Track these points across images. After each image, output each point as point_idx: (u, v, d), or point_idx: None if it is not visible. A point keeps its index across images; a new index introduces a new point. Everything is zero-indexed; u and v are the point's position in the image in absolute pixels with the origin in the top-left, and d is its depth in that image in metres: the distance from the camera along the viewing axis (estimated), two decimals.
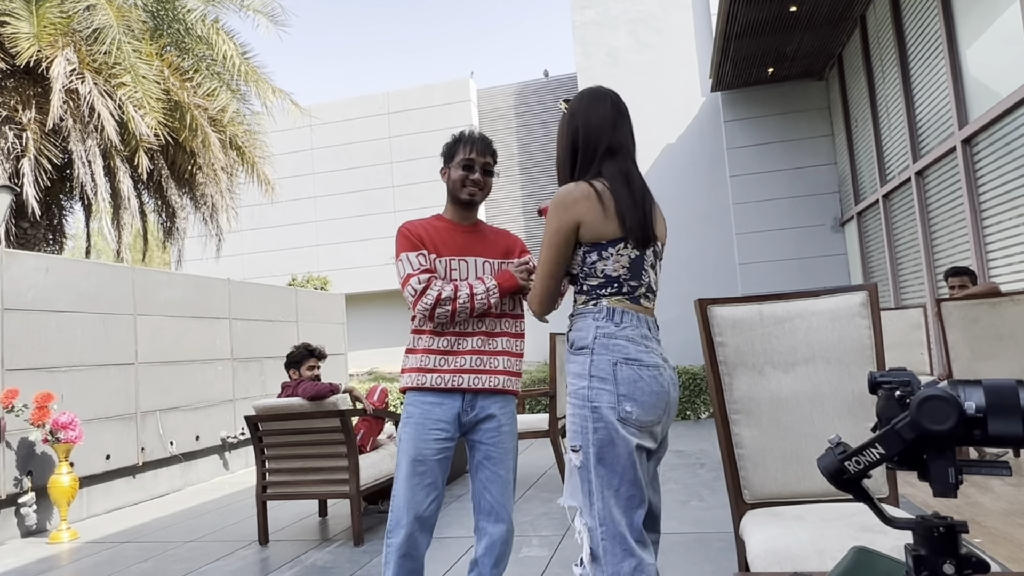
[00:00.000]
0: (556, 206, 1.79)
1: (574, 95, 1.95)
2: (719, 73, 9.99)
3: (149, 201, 10.71)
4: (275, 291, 8.52)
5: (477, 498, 2.36)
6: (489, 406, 2.35)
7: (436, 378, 2.27)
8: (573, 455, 1.76)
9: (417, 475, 2.25)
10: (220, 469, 7.20)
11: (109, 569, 3.94)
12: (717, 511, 4.18)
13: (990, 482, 4.22)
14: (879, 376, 0.95)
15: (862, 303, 1.97)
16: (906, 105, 7.26)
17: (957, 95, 5.99)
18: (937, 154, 6.49)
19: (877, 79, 8.26)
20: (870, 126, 8.59)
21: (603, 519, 1.70)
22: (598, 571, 1.70)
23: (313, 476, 4.21)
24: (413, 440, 2.27)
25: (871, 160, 8.76)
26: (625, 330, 1.76)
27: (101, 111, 8.09)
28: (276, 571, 3.65)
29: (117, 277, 6.06)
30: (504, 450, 2.37)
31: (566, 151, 1.90)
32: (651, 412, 1.74)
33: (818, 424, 1.96)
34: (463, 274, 2.35)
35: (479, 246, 2.41)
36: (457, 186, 2.38)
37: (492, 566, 2.34)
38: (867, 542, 1.54)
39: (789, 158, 10.58)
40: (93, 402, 5.64)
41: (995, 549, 3.03)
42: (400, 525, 2.25)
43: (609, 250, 1.78)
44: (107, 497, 5.75)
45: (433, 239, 2.35)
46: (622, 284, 1.80)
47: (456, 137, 2.43)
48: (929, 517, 0.90)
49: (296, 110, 10.60)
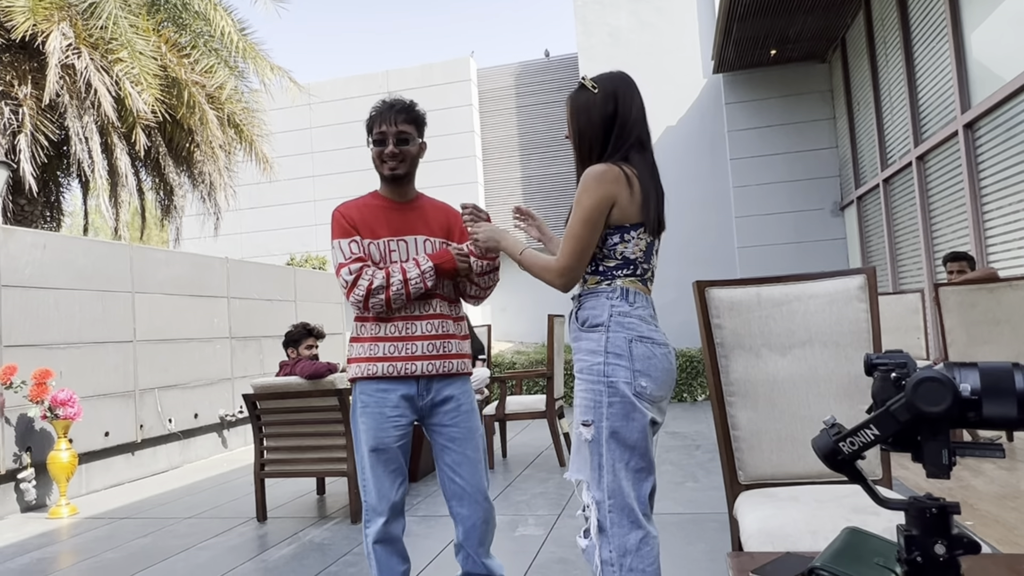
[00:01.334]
0: (594, 182, 1.78)
1: (599, 74, 1.92)
2: (721, 55, 9.91)
3: (147, 179, 10.65)
4: (273, 270, 8.51)
5: (446, 484, 2.32)
6: (444, 388, 2.30)
7: (387, 366, 2.22)
8: (584, 429, 1.80)
9: (381, 464, 2.23)
10: (219, 447, 7.24)
11: (108, 544, 3.98)
12: (711, 492, 4.22)
13: (983, 465, 4.25)
14: (875, 358, 0.95)
15: (860, 287, 1.97)
16: (909, 89, 7.21)
17: (960, 79, 5.95)
18: (939, 139, 6.46)
19: (880, 62, 8.20)
20: (872, 110, 8.54)
21: (612, 491, 1.75)
22: (604, 543, 1.74)
23: (311, 454, 4.23)
24: (372, 430, 2.22)
25: (872, 144, 8.73)
26: (638, 310, 1.83)
27: (98, 87, 8.02)
28: (274, 547, 3.68)
29: (115, 254, 6.05)
30: (467, 429, 2.32)
31: (597, 131, 1.87)
32: (663, 388, 1.82)
33: (814, 406, 1.96)
34: (402, 255, 2.28)
35: (419, 223, 2.33)
36: (377, 163, 2.30)
37: (478, 545, 2.33)
38: (859, 523, 1.55)
39: (790, 141, 10.53)
40: (92, 379, 5.65)
41: (986, 531, 3.07)
42: (376, 513, 2.24)
43: (631, 233, 1.83)
44: (106, 473, 5.79)
45: (368, 221, 2.27)
46: (637, 267, 1.85)
47: (371, 110, 2.32)
48: (922, 498, 0.91)
49: (295, 88, 10.51)
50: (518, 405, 5.54)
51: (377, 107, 2.31)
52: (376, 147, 2.29)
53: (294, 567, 3.32)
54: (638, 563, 1.73)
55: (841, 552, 1.02)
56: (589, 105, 1.88)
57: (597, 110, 1.87)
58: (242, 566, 3.41)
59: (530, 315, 13.21)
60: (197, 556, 3.62)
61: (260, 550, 3.66)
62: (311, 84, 14.52)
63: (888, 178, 8.20)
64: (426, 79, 14.45)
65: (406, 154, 2.29)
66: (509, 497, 4.43)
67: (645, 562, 1.73)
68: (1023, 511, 3.31)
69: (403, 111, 2.28)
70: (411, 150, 2.30)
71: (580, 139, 1.90)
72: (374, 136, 2.29)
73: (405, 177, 2.33)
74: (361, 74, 14.95)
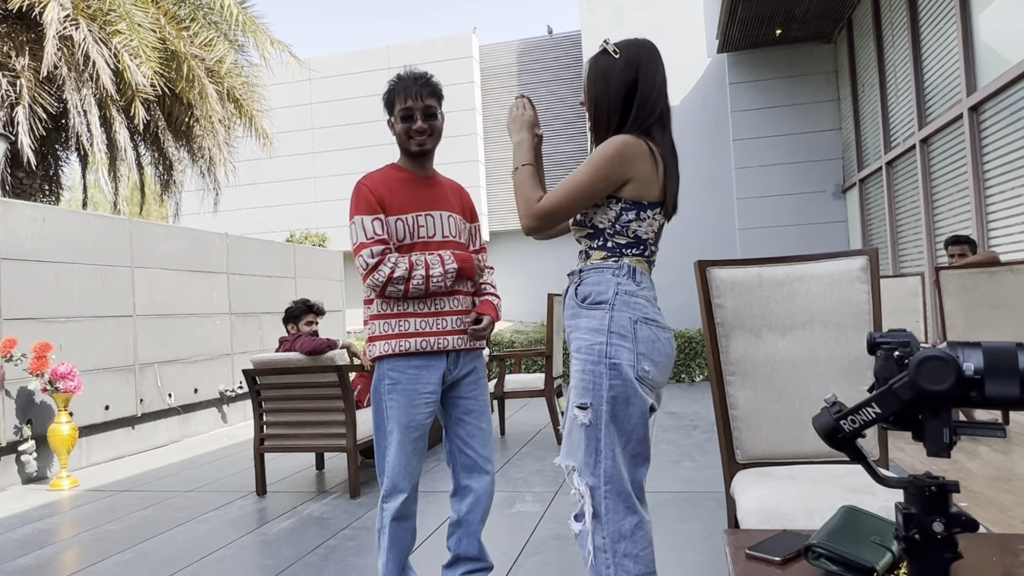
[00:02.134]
0: (615, 155, 1.69)
1: (622, 39, 1.82)
2: (726, 34, 9.81)
3: (146, 153, 10.59)
4: (273, 247, 8.49)
5: (457, 457, 2.34)
6: (469, 361, 2.35)
7: (421, 342, 2.20)
8: (579, 412, 1.72)
9: (411, 442, 2.23)
10: (218, 422, 7.27)
11: (109, 516, 4.01)
12: (708, 471, 4.24)
13: (978, 448, 4.28)
14: (878, 337, 0.95)
15: (862, 268, 1.96)
16: (915, 70, 7.14)
17: (967, 61, 5.89)
18: (943, 121, 6.41)
19: (886, 43, 8.12)
20: (877, 92, 8.47)
21: (609, 477, 1.70)
22: (598, 529, 1.70)
23: (310, 430, 4.25)
24: (404, 408, 2.21)
25: (876, 126, 8.67)
26: (644, 290, 1.76)
27: (96, 59, 7.94)
28: (273, 521, 3.71)
29: (114, 229, 6.03)
30: (483, 402, 2.38)
31: (617, 99, 1.76)
32: (663, 373, 1.77)
33: (813, 387, 1.97)
34: (430, 231, 2.26)
35: (443, 199, 2.33)
36: (403, 139, 2.26)
37: (479, 521, 2.35)
38: (856, 502, 1.56)
39: (793, 123, 10.46)
40: (91, 353, 5.66)
41: (980, 512, 3.09)
42: (398, 490, 2.24)
43: (648, 212, 1.76)
44: (107, 446, 5.82)
45: (396, 195, 2.23)
46: (646, 247, 1.79)
47: (391, 84, 2.26)
48: (921, 476, 0.91)
49: (295, 63, 10.41)
50: (517, 384, 5.56)
51: (397, 81, 2.26)
52: (403, 123, 2.24)
53: (293, 540, 3.35)
54: (632, 548, 1.69)
55: (838, 530, 1.03)
56: (609, 71, 1.77)
57: (617, 77, 1.76)
58: (241, 539, 3.44)
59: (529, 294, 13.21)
60: (197, 529, 3.65)
61: (259, 523, 3.69)
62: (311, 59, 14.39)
63: (891, 161, 8.16)
64: (427, 55, 14.31)
65: (434, 128, 2.27)
66: (507, 474, 4.46)
67: (639, 547, 1.70)
68: (1017, 493, 3.33)
69: (427, 84, 2.24)
70: (438, 124, 2.29)
71: (598, 106, 1.79)
72: (400, 112, 2.24)
73: (431, 152, 2.32)
74: (362, 50, 14.82)
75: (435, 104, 2.26)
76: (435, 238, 2.27)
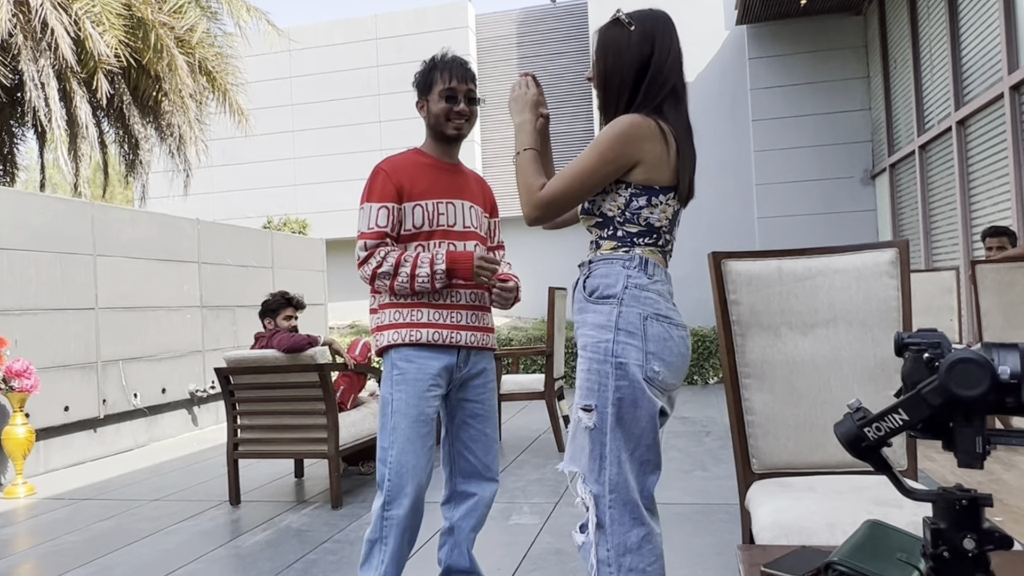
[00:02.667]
0: (622, 137, 1.69)
1: (636, 10, 1.83)
2: (746, 3, 9.78)
3: (109, 130, 10.56)
4: (249, 234, 8.48)
5: (457, 461, 2.38)
6: (480, 360, 2.39)
7: (432, 333, 2.25)
8: (584, 415, 1.73)
9: (421, 437, 2.24)
10: (188, 424, 7.28)
11: (68, 527, 4.02)
12: (722, 482, 4.26)
13: (1015, 458, 4.29)
14: (907, 337, 0.95)
15: (891, 261, 1.97)
16: (951, 46, 7.13)
17: (1009, 35, 5.89)
18: (982, 101, 6.41)
19: (921, 15, 8.10)
20: (910, 69, 8.46)
21: (615, 485, 1.70)
22: (602, 540, 1.71)
23: (289, 434, 4.25)
24: (413, 398, 2.23)
25: (909, 107, 8.66)
26: (657, 284, 1.76)
27: (55, 26, 7.90)
28: (248, 533, 3.72)
29: (75, 213, 6.02)
30: (491, 407, 2.41)
31: (628, 74, 1.76)
32: (676, 375, 1.77)
33: (835, 391, 1.97)
34: (450, 219, 2.31)
35: (467, 189, 2.39)
36: (441, 120, 2.31)
37: (471, 529, 2.38)
38: (882, 516, 1.56)
39: (818, 102, 10.44)
40: (50, 349, 5.66)
41: (1015, 528, 3.11)
42: (404, 495, 2.23)
43: (660, 197, 1.76)
44: (66, 451, 5.82)
45: (417, 181, 2.30)
46: (660, 236, 1.79)
47: (430, 63, 2.33)
48: (951, 489, 0.91)
49: (273, 32, 10.38)
50: (515, 385, 5.57)
51: (439, 61, 2.33)
52: (447, 103, 2.30)
53: (269, 554, 3.36)
54: (638, 562, 1.69)
55: (861, 546, 1.03)
56: (621, 44, 1.77)
57: (631, 51, 1.76)
58: (213, 552, 3.44)
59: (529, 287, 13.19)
60: (164, 541, 3.66)
61: (233, 535, 3.70)
62: (291, 28, 14.33)
63: (925, 144, 8.16)
64: (419, 25, 14.26)
65: (474, 114, 2.35)
66: (503, 483, 4.47)
67: (645, 561, 1.70)
68: None
69: (470, 69, 2.34)
70: (476, 111, 2.37)
71: (607, 81, 1.79)
72: (443, 91, 2.29)
73: (462, 139, 2.38)
74: (346, 18, 14.77)
75: (475, 90, 2.35)
76: (456, 227, 2.32)
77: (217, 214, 14.69)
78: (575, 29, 13.74)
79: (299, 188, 14.88)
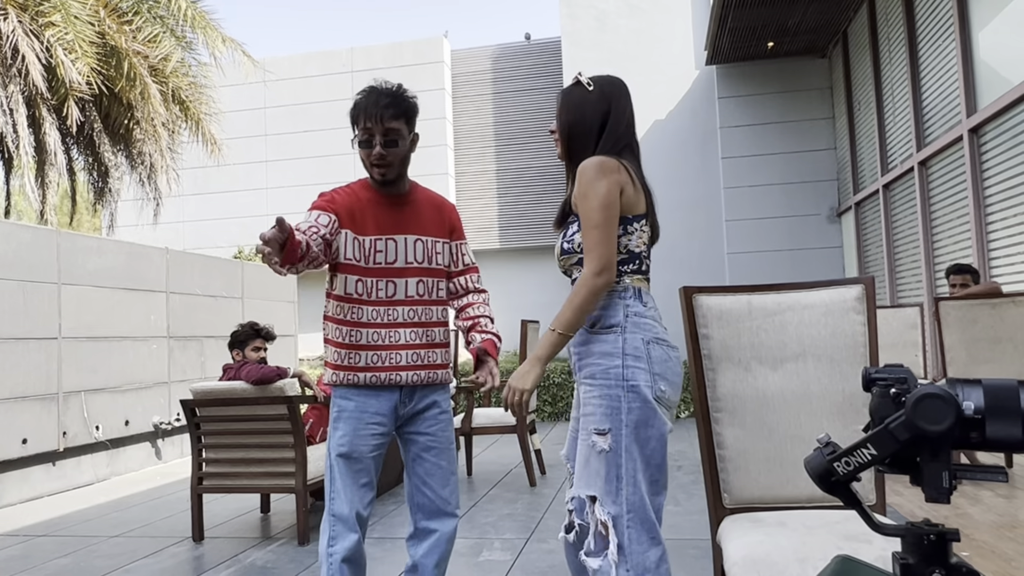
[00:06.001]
0: (600, 170, 1.85)
1: (595, 76, 2.03)
2: (715, 44, 10.03)
3: (79, 158, 10.44)
4: (219, 264, 8.39)
5: (415, 497, 2.35)
6: (429, 394, 2.35)
7: (370, 376, 2.24)
8: (599, 439, 1.82)
9: (351, 473, 2.24)
10: (152, 458, 7.10)
11: (22, 564, 3.88)
12: (694, 516, 4.25)
13: (980, 493, 4.35)
14: (874, 372, 0.97)
15: (857, 297, 2.00)
16: (912, 89, 7.37)
17: (967, 81, 6.10)
18: (942, 143, 6.61)
19: (883, 60, 8.37)
20: (873, 110, 8.71)
21: (632, 505, 1.79)
22: (623, 562, 1.77)
23: (255, 468, 4.17)
24: (348, 436, 2.23)
25: (872, 147, 8.90)
26: (651, 310, 1.91)
27: (26, 53, 7.84)
28: (211, 570, 3.62)
29: (40, 241, 5.91)
30: (445, 439, 2.37)
31: (591, 127, 1.96)
32: (676, 393, 1.90)
33: (805, 425, 1.99)
34: (390, 256, 2.26)
35: (411, 221, 2.31)
36: (366, 165, 2.25)
37: (434, 567, 2.35)
38: (852, 551, 1.57)
39: (786, 141, 10.69)
40: (9, 379, 5.51)
41: (983, 563, 3.13)
42: (345, 529, 2.23)
43: (635, 224, 1.91)
44: (22, 485, 5.64)
45: (355, 214, 2.24)
46: (641, 262, 1.94)
47: (356, 100, 2.23)
48: (920, 524, 0.92)
49: (248, 63, 10.39)
50: (486, 419, 5.53)
51: (361, 97, 2.22)
52: (362, 148, 2.23)
53: None
54: None
55: None
56: (583, 101, 1.98)
57: (591, 107, 1.97)
58: None
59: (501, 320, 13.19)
60: None
61: (195, 573, 3.60)
62: (267, 59, 14.38)
63: (888, 183, 8.37)
64: (395, 59, 14.39)
65: (395, 156, 2.23)
66: (474, 519, 4.41)
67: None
68: (1021, 542, 3.39)
69: (391, 105, 2.18)
70: (401, 151, 2.24)
71: (572, 134, 1.98)
72: (360, 135, 2.22)
73: (396, 180, 2.30)
74: (322, 51, 14.85)
75: (400, 127, 2.21)
76: (395, 264, 2.28)
77: (187, 243, 14.53)
78: (548, 66, 13.96)
79: (271, 218, 14.78)
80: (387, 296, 2.27)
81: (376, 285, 2.25)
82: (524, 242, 13.93)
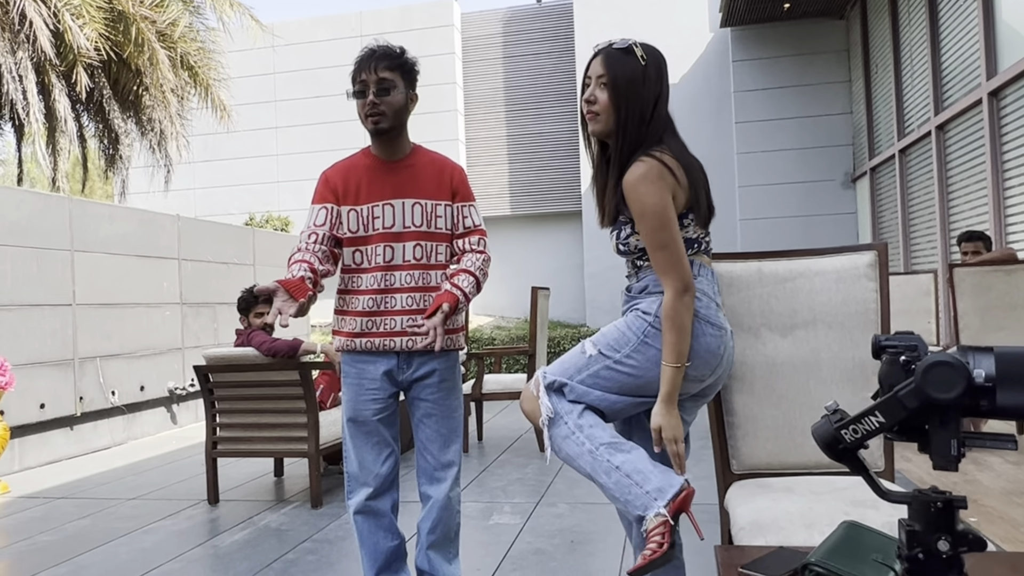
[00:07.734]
0: (652, 181, 1.70)
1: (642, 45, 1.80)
2: (731, 6, 9.84)
3: (89, 124, 10.43)
4: (230, 231, 8.42)
5: (419, 460, 2.42)
6: (428, 362, 2.35)
7: (364, 342, 2.31)
8: (589, 346, 1.80)
9: (361, 435, 2.35)
10: (167, 422, 7.21)
11: (43, 526, 3.96)
12: (701, 482, 4.26)
13: (989, 459, 4.35)
14: (884, 340, 0.96)
15: (870, 264, 1.98)
16: (931, 51, 7.21)
17: (988, 42, 5.96)
18: (961, 107, 6.49)
19: (902, 21, 8.19)
20: (891, 73, 8.55)
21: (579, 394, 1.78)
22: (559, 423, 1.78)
23: (268, 433, 4.22)
24: (351, 401, 2.35)
25: (889, 111, 8.75)
26: (701, 282, 1.79)
27: (34, 19, 7.79)
28: (226, 532, 3.69)
29: (52, 208, 5.94)
30: (446, 406, 2.39)
31: (646, 109, 1.78)
32: (705, 371, 1.78)
33: (814, 392, 1.99)
34: (387, 221, 2.27)
35: (409, 185, 2.31)
36: (361, 117, 2.27)
37: (428, 532, 2.40)
38: (858, 517, 1.57)
39: (801, 105, 10.53)
40: (25, 345, 5.58)
41: (991, 528, 3.14)
42: (359, 484, 2.36)
43: (684, 220, 1.78)
44: (42, 449, 5.74)
45: (351, 186, 2.30)
46: (700, 243, 1.84)
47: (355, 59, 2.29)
48: (927, 491, 0.92)
49: (257, 27, 10.30)
50: (496, 384, 5.57)
51: (359, 55, 2.28)
52: (357, 98, 2.25)
53: (248, 553, 3.34)
54: (592, 420, 1.76)
55: (837, 547, 1.04)
56: (637, 77, 1.77)
57: (648, 87, 1.78)
58: (191, 551, 3.41)
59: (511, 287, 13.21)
60: (141, 540, 3.62)
61: (211, 535, 3.67)
62: (275, 24, 14.23)
63: (905, 148, 8.24)
64: (404, 23, 14.21)
65: (388, 105, 2.23)
66: (484, 483, 4.46)
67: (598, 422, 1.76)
68: None
69: (385, 57, 2.23)
70: (394, 100, 2.24)
71: (626, 117, 1.77)
72: (355, 87, 2.26)
73: (391, 131, 2.28)
74: (331, 15, 14.69)
75: (393, 77, 2.23)
76: (393, 228, 2.28)
77: (198, 210, 14.55)
78: (560, 29, 13.75)
79: (281, 185, 14.78)
80: (385, 261, 2.28)
81: (375, 251, 2.28)
82: (535, 208, 13.85)
